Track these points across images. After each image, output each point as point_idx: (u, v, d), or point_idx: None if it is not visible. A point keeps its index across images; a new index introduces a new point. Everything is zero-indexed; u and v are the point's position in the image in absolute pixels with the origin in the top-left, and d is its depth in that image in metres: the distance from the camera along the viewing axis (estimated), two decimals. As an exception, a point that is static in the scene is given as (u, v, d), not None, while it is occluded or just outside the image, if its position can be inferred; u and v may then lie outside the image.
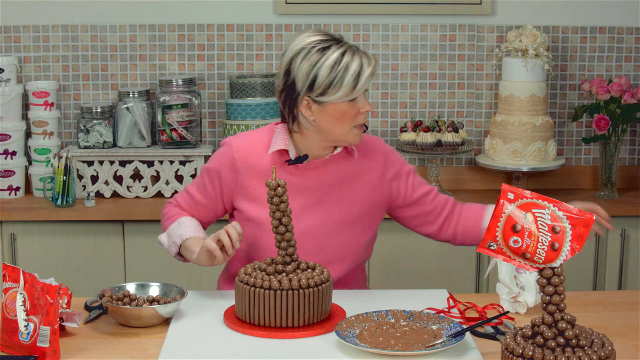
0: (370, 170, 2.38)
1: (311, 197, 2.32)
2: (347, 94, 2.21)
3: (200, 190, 2.41)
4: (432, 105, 3.76)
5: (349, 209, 2.34)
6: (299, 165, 2.32)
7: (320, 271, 2.07)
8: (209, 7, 3.67)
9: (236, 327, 2.03)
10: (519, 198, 1.75)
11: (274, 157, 2.32)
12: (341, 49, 2.22)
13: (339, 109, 2.23)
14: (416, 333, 1.98)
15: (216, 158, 2.39)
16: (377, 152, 2.40)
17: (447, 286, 2.50)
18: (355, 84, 2.20)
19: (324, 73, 2.19)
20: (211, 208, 2.41)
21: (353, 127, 2.26)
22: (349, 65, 2.20)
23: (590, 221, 1.73)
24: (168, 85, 3.54)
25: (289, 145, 2.32)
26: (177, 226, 2.36)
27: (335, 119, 2.24)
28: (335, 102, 2.22)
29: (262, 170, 2.31)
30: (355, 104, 2.23)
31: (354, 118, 2.24)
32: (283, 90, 2.27)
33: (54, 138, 3.59)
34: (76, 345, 1.96)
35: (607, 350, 1.69)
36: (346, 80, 2.19)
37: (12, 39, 3.65)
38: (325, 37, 2.25)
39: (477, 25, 3.70)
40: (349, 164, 2.36)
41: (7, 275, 1.92)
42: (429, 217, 2.44)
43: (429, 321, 2.03)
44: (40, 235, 3.35)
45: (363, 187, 2.36)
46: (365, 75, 2.21)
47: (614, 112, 3.53)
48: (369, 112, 2.28)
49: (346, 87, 2.20)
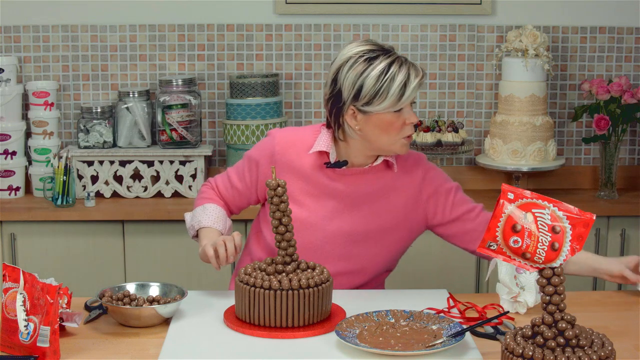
0: (407, 187, 2.36)
1: (343, 203, 2.32)
2: (392, 105, 2.20)
3: (239, 174, 2.43)
4: (432, 105, 3.76)
5: (379, 221, 2.33)
6: (337, 170, 2.32)
7: (320, 271, 2.07)
8: (209, 7, 3.67)
9: (236, 327, 2.03)
10: (519, 198, 1.75)
11: (314, 158, 2.33)
12: (389, 59, 2.21)
13: (384, 119, 2.22)
14: (416, 333, 1.98)
15: (258, 147, 2.41)
16: (417, 168, 2.38)
17: (447, 286, 2.50)
18: (402, 95, 2.19)
19: (369, 83, 2.19)
20: (245, 195, 2.43)
21: (400, 139, 2.25)
22: (396, 75, 2.19)
23: (590, 221, 1.73)
24: (168, 85, 3.54)
25: (331, 149, 2.32)
26: (201, 211, 2.40)
27: (380, 129, 2.24)
28: (381, 112, 2.21)
29: (299, 168, 2.33)
30: (401, 114, 2.22)
31: (400, 129, 2.24)
32: (330, 98, 2.27)
33: (54, 138, 3.60)
34: (76, 345, 1.96)
35: (607, 350, 1.69)
36: (392, 90, 2.19)
37: (12, 39, 3.65)
38: (374, 47, 2.24)
39: (477, 25, 3.70)
40: (387, 177, 2.35)
41: (7, 275, 1.92)
42: (471, 235, 2.39)
43: (429, 321, 2.03)
44: (40, 235, 3.35)
45: (397, 203, 2.35)
46: (412, 87, 2.20)
47: (614, 112, 3.53)
48: (416, 123, 2.27)
49: (392, 98, 2.19)
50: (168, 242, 3.33)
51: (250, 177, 2.40)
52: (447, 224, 2.40)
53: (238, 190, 2.43)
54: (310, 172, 2.33)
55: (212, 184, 2.49)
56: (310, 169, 2.33)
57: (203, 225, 2.36)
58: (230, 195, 2.45)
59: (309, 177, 2.33)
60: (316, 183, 2.33)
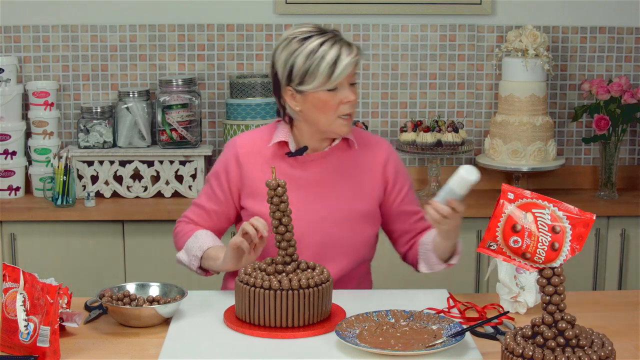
0: (371, 164, 2.37)
1: (311, 190, 2.32)
2: (323, 83, 2.21)
3: (210, 197, 2.40)
4: (432, 105, 3.76)
5: (350, 203, 2.33)
6: (299, 158, 2.33)
7: (320, 271, 2.07)
8: (209, 7, 3.67)
9: (236, 327, 2.03)
10: (519, 198, 1.75)
11: (275, 149, 2.34)
12: (321, 39, 2.22)
13: (319, 98, 2.23)
14: (416, 333, 1.98)
15: (221, 159, 2.41)
16: (380, 148, 2.40)
17: (447, 286, 2.50)
18: (332, 72, 2.20)
19: (300, 62, 2.21)
20: (224, 213, 2.40)
21: (337, 118, 2.25)
22: (326, 54, 2.20)
23: (590, 221, 1.73)
24: (168, 85, 3.54)
25: (289, 138, 2.34)
26: (194, 240, 2.34)
27: (317, 109, 2.25)
28: (315, 91, 2.22)
29: (265, 162, 2.33)
30: (336, 93, 2.23)
31: (336, 108, 2.24)
32: (271, 82, 2.32)
33: (54, 138, 3.60)
34: (76, 345, 1.96)
35: (607, 350, 1.69)
36: (321, 69, 2.20)
37: (12, 39, 3.65)
38: (311, 29, 2.25)
39: (477, 25, 3.70)
40: (349, 156, 2.36)
41: (7, 275, 1.92)
42: (404, 237, 2.43)
43: (429, 321, 2.03)
44: (40, 235, 3.35)
45: (363, 180, 2.36)
46: (343, 64, 2.20)
47: (614, 112, 3.53)
48: (354, 102, 2.25)
49: (322, 76, 2.20)
50: (168, 242, 3.32)
51: (222, 193, 2.38)
52: (391, 216, 2.40)
53: (215, 213, 2.40)
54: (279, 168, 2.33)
55: (186, 219, 2.45)
56: (274, 162, 2.34)
57: (206, 247, 2.30)
58: (208, 221, 2.41)
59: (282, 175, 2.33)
60: (283, 176, 2.33)
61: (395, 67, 3.72)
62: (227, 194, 2.38)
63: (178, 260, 2.39)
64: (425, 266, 2.37)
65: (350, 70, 2.22)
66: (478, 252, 1.98)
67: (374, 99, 3.74)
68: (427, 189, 3.59)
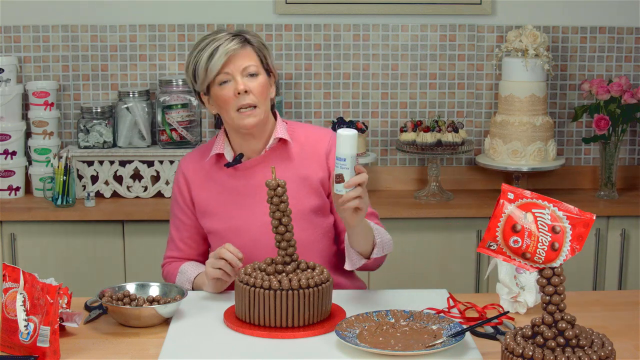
0: (314, 157, 2.34)
1: (256, 195, 2.31)
2: (206, 79, 2.22)
3: (178, 227, 2.42)
4: (432, 105, 3.76)
5: (298, 200, 2.28)
6: (238, 167, 2.33)
7: (320, 271, 2.07)
8: (209, 7, 3.67)
9: (236, 327, 2.03)
10: (519, 198, 1.75)
11: (213, 162, 2.35)
12: (212, 37, 2.24)
13: (216, 94, 2.25)
14: (416, 333, 1.98)
15: (174, 183, 2.43)
16: (322, 138, 2.36)
17: (447, 286, 2.50)
18: (209, 64, 2.20)
19: (190, 62, 2.25)
20: (198, 234, 2.42)
21: (236, 111, 2.24)
22: (206, 47, 2.21)
23: (590, 221, 1.73)
24: (168, 85, 3.54)
25: (225, 149, 2.33)
26: (181, 276, 2.37)
27: (220, 107, 2.27)
28: (212, 88, 2.24)
29: (207, 178, 2.34)
30: (229, 86, 2.23)
31: (233, 101, 2.23)
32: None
33: (54, 138, 3.60)
34: (76, 345, 1.96)
35: (607, 350, 1.69)
36: (201, 62, 2.21)
37: (12, 39, 3.65)
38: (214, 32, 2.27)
39: (477, 25, 3.70)
40: (289, 154, 2.34)
41: (7, 275, 1.92)
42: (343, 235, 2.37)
43: (429, 321, 2.03)
44: (40, 235, 3.35)
45: (310, 175, 2.33)
46: (219, 53, 2.19)
47: (614, 112, 3.53)
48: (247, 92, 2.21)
49: (202, 70, 2.22)
50: (168, 242, 3.33)
51: (185, 215, 2.39)
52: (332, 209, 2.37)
53: (189, 238, 2.41)
54: (220, 180, 2.33)
55: (168, 259, 2.46)
56: (218, 177, 2.34)
57: (192, 277, 2.34)
58: (186, 251, 2.42)
59: (222, 185, 2.34)
60: (224, 187, 2.33)
61: (395, 67, 3.72)
62: (189, 214, 2.40)
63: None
64: (349, 263, 2.24)
65: (226, 58, 2.20)
66: (478, 252, 1.98)
67: (374, 99, 3.74)
68: (427, 189, 3.59)
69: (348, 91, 3.72)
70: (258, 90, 2.24)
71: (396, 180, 3.76)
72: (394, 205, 3.45)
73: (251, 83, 2.23)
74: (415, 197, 3.58)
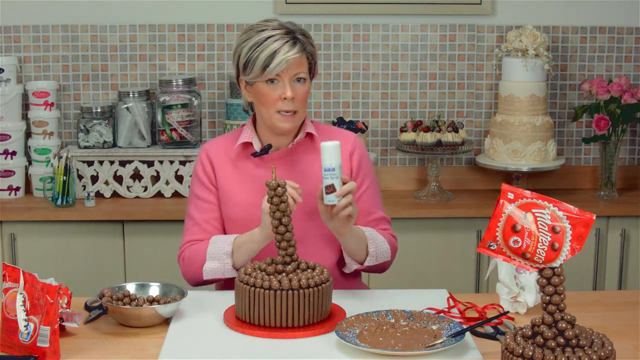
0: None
1: None
2: (258, 74, 2.23)
3: (202, 209, 2.38)
4: (432, 105, 3.76)
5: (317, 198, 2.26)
6: (265, 157, 2.34)
7: (320, 271, 2.07)
8: (209, 7, 3.67)
9: (236, 327, 2.03)
10: (519, 198, 1.75)
11: (240, 150, 2.36)
12: (271, 33, 2.24)
13: (259, 90, 2.26)
14: (416, 333, 1.98)
15: (196, 166, 2.42)
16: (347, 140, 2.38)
17: (447, 286, 2.50)
18: (267, 65, 2.21)
19: (244, 52, 2.25)
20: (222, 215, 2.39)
21: (276, 112, 2.26)
22: (267, 46, 2.22)
23: (590, 221, 1.73)
24: (168, 85, 3.54)
25: (253, 138, 2.35)
26: (214, 244, 2.28)
27: (258, 101, 2.28)
28: (256, 82, 2.25)
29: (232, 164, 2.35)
30: (276, 87, 2.24)
31: (275, 102, 2.25)
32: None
33: (54, 138, 3.59)
34: (76, 345, 1.96)
35: (607, 350, 1.69)
36: (259, 59, 2.22)
37: (12, 39, 3.65)
38: (272, 24, 2.26)
39: (477, 25, 3.70)
40: (314, 151, 2.35)
41: (7, 275, 1.92)
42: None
43: (429, 321, 2.03)
44: (40, 235, 3.35)
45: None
46: (280, 58, 2.20)
47: (614, 112, 3.53)
48: (293, 100, 2.23)
49: (258, 67, 2.22)
50: (168, 242, 3.33)
51: (210, 194, 2.37)
52: None
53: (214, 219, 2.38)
54: (244, 168, 2.34)
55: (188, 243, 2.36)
56: (243, 165, 2.35)
57: (232, 239, 2.26)
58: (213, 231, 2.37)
59: (246, 174, 2.34)
60: (252, 177, 2.34)
61: (395, 67, 3.72)
62: (215, 193, 2.38)
63: (207, 273, 2.28)
64: (346, 267, 2.35)
65: (285, 65, 2.22)
66: (478, 252, 1.98)
67: (374, 99, 3.74)
68: (427, 189, 3.59)
69: (348, 91, 3.72)
70: (302, 97, 2.27)
71: (396, 180, 3.76)
72: (394, 205, 3.44)
73: (297, 89, 2.26)
74: (415, 197, 3.58)
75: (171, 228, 3.33)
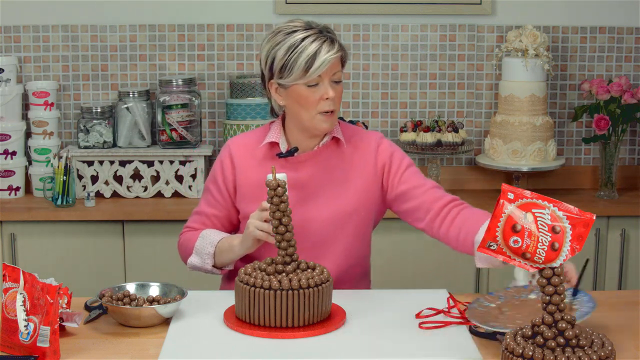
0: (362, 161, 2.35)
1: (303, 191, 2.32)
2: (299, 77, 2.21)
3: (210, 203, 2.40)
4: (432, 105, 3.76)
5: (342, 202, 2.32)
6: (290, 159, 2.33)
7: (320, 271, 2.07)
8: (209, 7, 3.67)
9: (236, 327, 2.03)
10: (519, 198, 1.75)
11: (266, 150, 2.35)
12: (305, 34, 2.22)
13: (299, 92, 2.24)
14: None
15: (216, 162, 2.41)
16: (370, 140, 2.38)
17: (447, 286, 2.50)
18: (309, 67, 2.20)
19: (280, 55, 2.22)
20: (225, 217, 2.40)
21: (317, 114, 2.25)
22: (306, 48, 2.20)
23: (590, 221, 1.73)
24: (168, 85, 3.54)
25: (280, 139, 2.34)
26: (202, 240, 2.33)
27: (298, 104, 2.26)
28: (294, 84, 2.23)
29: (257, 164, 2.34)
30: (317, 89, 2.23)
31: (316, 104, 2.24)
32: (260, 77, 2.34)
33: (54, 138, 3.60)
34: (76, 345, 1.96)
35: (607, 350, 1.69)
36: (299, 62, 2.20)
37: (12, 39, 3.65)
38: (299, 24, 2.25)
39: (477, 25, 3.70)
40: (340, 154, 2.35)
41: (7, 275, 1.92)
42: (418, 212, 2.31)
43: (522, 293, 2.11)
44: (40, 235, 3.35)
45: (356, 178, 2.34)
46: (321, 59, 2.19)
47: (614, 112, 3.53)
48: (334, 99, 2.24)
49: (299, 70, 2.20)
50: (168, 242, 3.33)
51: (222, 197, 2.38)
52: (397, 199, 2.34)
53: (216, 217, 2.40)
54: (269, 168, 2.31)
55: (187, 228, 2.43)
56: (265, 163, 2.33)
57: (216, 241, 2.30)
58: (209, 227, 2.39)
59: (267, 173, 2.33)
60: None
61: (395, 67, 3.72)
62: (225, 196, 2.38)
63: (190, 266, 2.38)
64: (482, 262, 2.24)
65: (327, 66, 2.21)
66: (478, 252, 1.96)
67: (374, 99, 3.74)
68: (427, 189, 3.58)
69: (348, 91, 3.72)
70: (339, 97, 2.28)
71: (396, 180, 3.75)
72: (394, 205, 3.44)
73: (335, 90, 2.25)
74: (415, 197, 3.58)
75: (171, 228, 3.33)
